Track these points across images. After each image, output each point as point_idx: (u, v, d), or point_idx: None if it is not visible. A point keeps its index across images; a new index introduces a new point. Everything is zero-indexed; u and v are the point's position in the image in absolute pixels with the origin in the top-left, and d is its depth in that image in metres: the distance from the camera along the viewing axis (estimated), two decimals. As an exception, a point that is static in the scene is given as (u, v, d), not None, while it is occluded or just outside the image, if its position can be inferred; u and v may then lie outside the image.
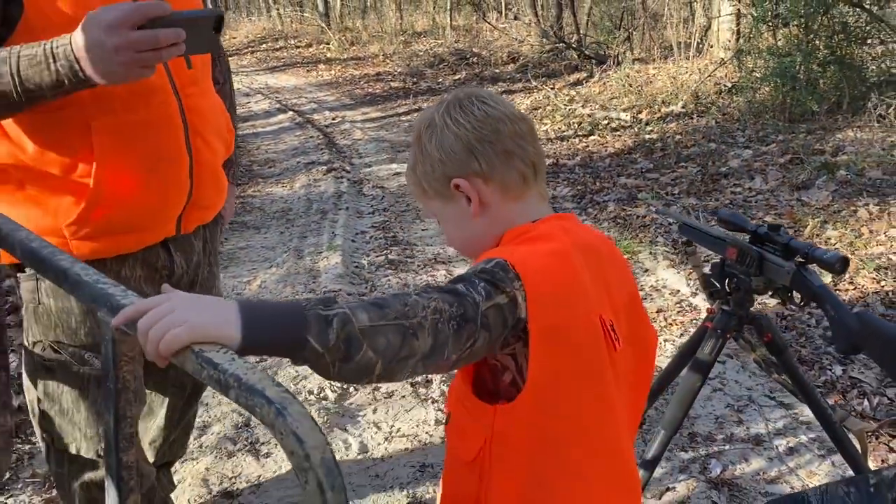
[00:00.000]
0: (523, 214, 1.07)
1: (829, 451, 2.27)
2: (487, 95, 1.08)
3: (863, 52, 5.89)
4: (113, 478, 0.82)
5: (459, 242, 1.14)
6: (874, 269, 3.35)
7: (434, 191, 1.08)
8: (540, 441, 1.03)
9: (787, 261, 1.58)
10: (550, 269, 0.99)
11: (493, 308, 0.93)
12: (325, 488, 0.61)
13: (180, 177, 1.47)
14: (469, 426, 1.06)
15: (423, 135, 1.07)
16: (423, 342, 0.86)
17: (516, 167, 1.05)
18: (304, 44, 15.48)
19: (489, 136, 1.04)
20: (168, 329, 0.70)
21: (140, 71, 1.21)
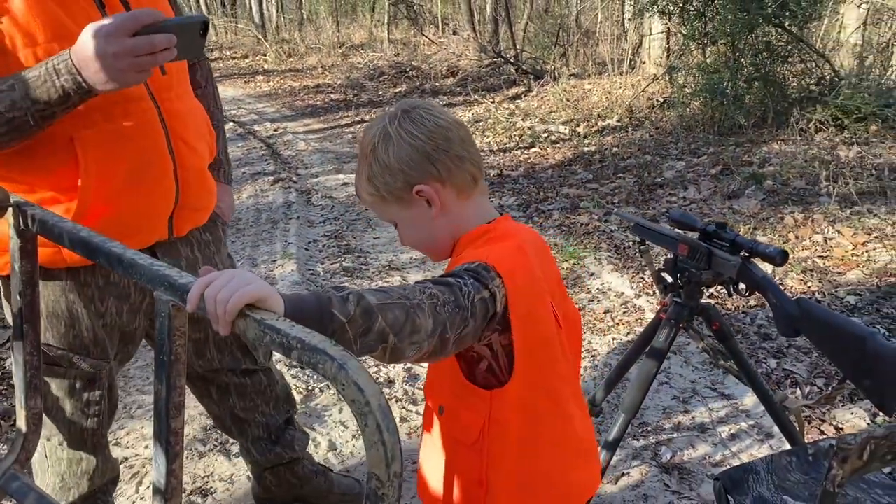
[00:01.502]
0: (477, 213, 1.21)
1: (767, 435, 2.46)
2: (430, 106, 1.18)
3: (785, 70, 6.25)
4: (161, 443, 0.90)
5: (417, 241, 1.24)
6: (801, 271, 3.61)
7: (394, 197, 1.17)
8: (527, 416, 1.18)
9: (733, 255, 1.74)
10: (519, 264, 1.13)
11: (480, 301, 1.04)
12: (383, 429, 0.71)
13: (165, 181, 1.52)
14: (465, 413, 1.18)
15: (378, 148, 1.15)
16: (425, 321, 0.96)
17: (467, 169, 1.17)
18: (240, 55, 15.35)
19: (443, 144, 1.14)
20: (233, 292, 0.80)
21: (137, 76, 1.28)
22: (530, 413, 1.18)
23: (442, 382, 1.24)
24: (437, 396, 1.25)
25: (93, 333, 1.57)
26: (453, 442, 1.23)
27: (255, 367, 1.89)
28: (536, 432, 1.20)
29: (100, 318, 1.57)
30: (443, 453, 1.25)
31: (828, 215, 4.16)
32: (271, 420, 1.97)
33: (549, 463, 1.22)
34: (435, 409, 1.25)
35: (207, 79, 1.84)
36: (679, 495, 2.21)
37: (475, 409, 1.17)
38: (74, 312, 1.54)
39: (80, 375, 1.59)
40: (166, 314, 0.86)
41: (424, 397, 1.34)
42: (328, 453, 2.46)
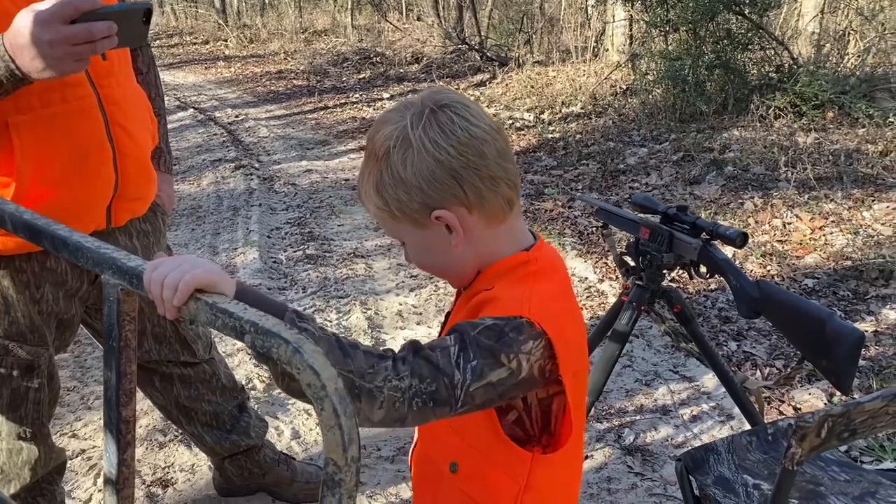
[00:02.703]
0: (509, 241, 1.00)
1: (728, 417, 2.49)
2: (464, 107, 0.95)
3: (745, 57, 6.32)
4: (112, 432, 0.87)
5: (432, 268, 1.04)
6: (760, 255, 3.66)
7: (406, 217, 0.96)
8: (563, 481, 1.05)
9: (694, 238, 1.76)
10: (568, 313, 0.98)
11: (483, 387, 0.88)
12: (340, 413, 0.70)
13: (104, 169, 1.49)
14: (494, 475, 0.99)
15: (393, 154, 0.93)
16: (370, 411, 0.83)
17: (502, 193, 0.96)
18: (200, 40, 15.08)
19: (474, 162, 0.93)
20: (182, 275, 0.77)
21: (75, 64, 1.24)
22: (566, 477, 1.05)
23: (455, 435, 1.02)
24: (447, 450, 1.04)
25: (29, 320, 1.53)
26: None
27: (196, 360, 1.87)
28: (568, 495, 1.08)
29: (36, 304, 1.53)
30: None
31: (786, 200, 4.22)
32: (219, 408, 1.95)
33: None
34: (444, 465, 1.04)
35: (149, 65, 1.80)
36: (642, 477, 2.23)
37: (509, 471, 0.98)
38: (9, 299, 1.50)
39: (17, 363, 1.56)
40: (115, 298, 0.83)
41: (417, 446, 1.13)
42: (291, 441, 2.43)
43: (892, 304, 3.15)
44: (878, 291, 3.26)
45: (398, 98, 8.33)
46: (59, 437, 2.46)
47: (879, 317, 3.05)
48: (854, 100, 5.50)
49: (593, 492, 2.17)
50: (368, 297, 3.48)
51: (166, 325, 1.80)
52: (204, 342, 1.90)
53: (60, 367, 2.85)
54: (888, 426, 1.23)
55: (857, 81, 5.94)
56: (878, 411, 1.18)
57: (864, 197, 4.19)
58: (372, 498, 2.16)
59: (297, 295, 3.53)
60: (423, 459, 1.12)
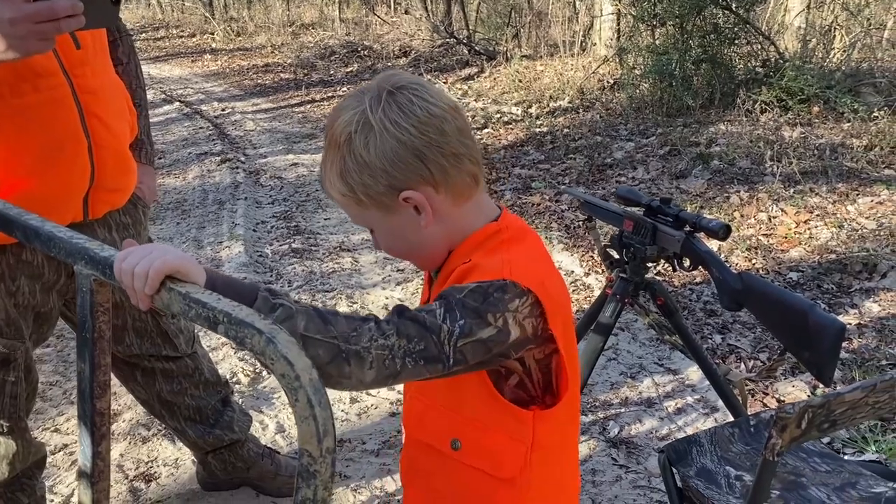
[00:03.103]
0: (477, 215, 1.01)
1: (713, 409, 2.50)
2: (421, 87, 0.95)
3: (732, 52, 6.34)
4: (86, 424, 0.86)
5: (400, 251, 1.04)
6: (746, 249, 3.67)
7: (374, 202, 0.96)
8: (565, 436, 1.06)
9: (677, 230, 1.76)
10: (545, 268, 0.99)
11: (472, 343, 0.88)
12: (314, 404, 0.69)
13: (79, 160, 1.46)
14: (501, 440, 0.99)
15: (355, 139, 0.93)
16: (360, 372, 0.82)
17: (466, 169, 0.96)
18: (186, 33, 14.97)
19: (437, 140, 0.93)
20: (151, 263, 0.76)
21: (40, 44, 1.21)
22: (567, 432, 1.06)
23: (452, 412, 1.02)
24: (444, 429, 1.03)
25: (5, 313, 1.51)
26: (480, 480, 1.01)
27: (178, 354, 1.85)
28: (570, 453, 1.10)
29: (11, 297, 1.51)
30: (467, 499, 1.04)
31: (772, 194, 4.24)
32: (202, 402, 1.93)
33: (573, 482, 1.13)
34: (443, 446, 1.02)
35: (129, 55, 1.77)
36: (626, 469, 2.23)
37: (513, 434, 0.98)
38: None
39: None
40: (88, 289, 0.82)
41: (408, 435, 1.11)
42: (276, 435, 2.42)
43: (875, 297, 3.16)
44: (862, 284, 3.28)
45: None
46: (41, 432, 2.44)
47: (863, 309, 3.07)
48: (839, 94, 5.52)
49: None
50: (355, 291, 3.47)
51: (147, 320, 1.78)
52: (186, 336, 1.89)
53: (43, 361, 2.83)
54: (868, 417, 1.24)
55: (843, 76, 5.97)
56: (858, 402, 1.18)
57: (849, 191, 4.21)
58: (357, 491, 2.15)
59: (283, 288, 3.51)
60: (412, 449, 1.11)
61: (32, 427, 2.43)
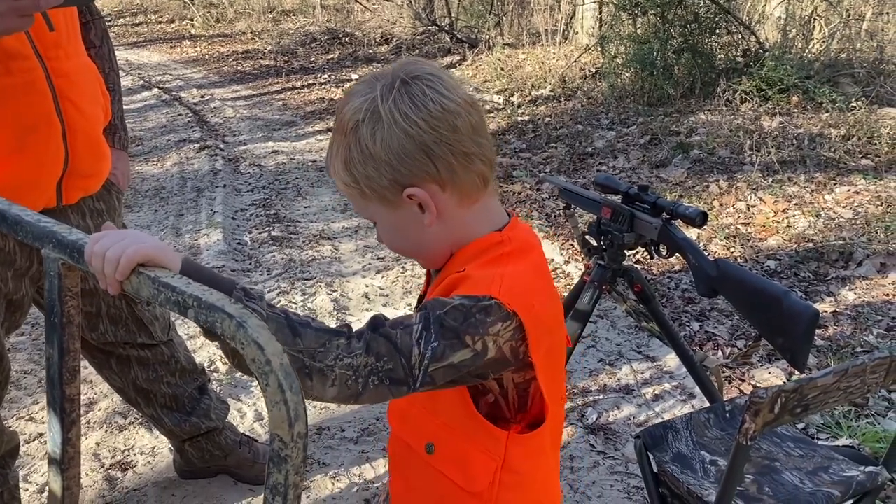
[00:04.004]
0: (484, 220, 0.97)
1: (690, 396, 2.52)
2: (437, 78, 0.91)
3: (712, 41, 6.36)
4: (56, 410, 0.85)
5: (401, 248, 1.01)
6: (724, 237, 3.70)
7: (377, 195, 0.93)
8: (540, 461, 1.03)
9: (654, 217, 1.76)
10: (539, 291, 0.95)
11: (444, 368, 0.85)
12: (285, 389, 0.68)
13: (52, 145, 1.45)
14: (472, 453, 0.98)
15: (362, 128, 0.89)
16: (321, 389, 0.81)
17: (476, 169, 0.92)
18: (165, 19, 14.77)
19: (447, 137, 0.89)
20: (124, 249, 0.75)
21: (19, 21, 1.19)
22: (545, 462, 1.04)
23: (430, 415, 1.00)
24: (422, 431, 1.01)
25: None
26: (450, 489, 1.00)
27: (154, 342, 1.83)
28: (549, 482, 1.07)
29: None
30: (435, 500, 1.03)
31: (751, 183, 4.27)
32: (178, 390, 1.92)
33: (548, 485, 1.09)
34: (419, 447, 1.01)
35: (102, 38, 1.74)
36: (604, 455, 2.25)
37: (485, 450, 0.97)
38: None
39: None
40: (56, 273, 0.80)
41: (392, 428, 1.10)
42: (254, 423, 2.42)
43: (851, 285, 3.20)
44: (838, 273, 3.31)
45: (367, 79, 8.26)
46: (16, 421, 2.41)
47: (838, 297, 3.11)
48: (818, 85, 5.56)
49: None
50: (335, 279, 3.45)
51: (122, 307, 1.76)
52: (162, 324, 1.87)
53: (17, 350, 2.80)
54: (840, 401, 1.25)
55: (822, 67, 6.01)
56: (830, 387, 1.20)
57: (827, 180, 4.25)
58: (335, 479, 2.15)
59: (262, 277, 3.49)
60: (395, 441, 1.10)
61: (6, 416, 2.41)
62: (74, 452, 0.88)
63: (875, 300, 3.07)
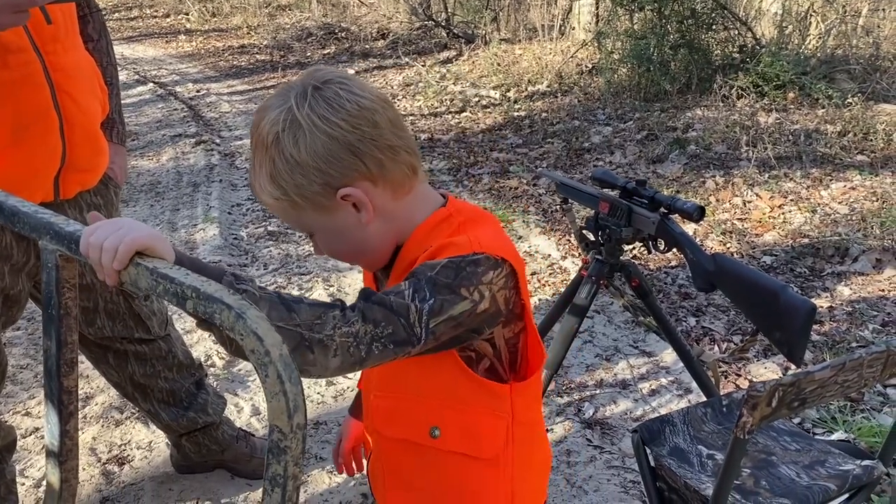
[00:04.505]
0: (421, 206, 0.99)
1: (686, 390, 2.53)
2: (347, 79, 0.92)
3: (709, 37, 6.35)
4: (53, 402, 0.85)
5: (348, 254, 1.00)
6: (721, 233, 3.71)
7: (310, 203, 0.92)
8: (538, 405, 1.07)
9: (652, 212, 1.76)
10: (510, 244, 0.98)
11: (444, 321, 0.86)
12: (284, 379, 0.68)
13: (50, 139, 1.44)
14: (482, 420, 0.99)
15: (283, 138, 0.89)
16: (324, 359, 0.81)
17: (403, 160, 0.94)
18: (161, 13, 14.71)
19: (370, 133, 0.90)
20: (121, 238, 0.75)
21: (14, 17, 1.19)
22: (538, 407, 1.08)
23: (425, 400, 1.00)
24: (420, 421, 1.00)
25: None
26: (461, 465, 1.00)
27: (151, 337, 1.83)
28: (542, 429, 1.10)
29: None
30: (446, 489, 1.02)
31: (747, 179, 4.27)
32: (175, 385, 1.92)
33: (547, 458, 1.14)
34: (421, 437, 1.00)
35: (100, 32, 1.74)
36: (601, 450, 2.25)
37: (493, 411, 0.97)
38: None
39: None
40: (53, 265, 0.80)
41: (377, 437, 1.07)
42: (251, 418, 2.41)
43: (847, 280, 3.21)
44: (834, 268, 3.32)
45: (363, 74, 8.25)
46: (12, 416, 2.40)
47: (834, 293, 3.11)
48: (814, 81, 5.57)
49: (553, 465, 2.19)
50: (331, 274, 3.45)
51: (119, 302, 1.76)
52: (159, 319, 1.87)
53: (13, 344, 2.79)
54: (836, 395, 1.25)
55: (818, 63, 6.02)
56: (827, 381, 1.20)
57: (822, 176, 4.26)
58: (332, 474, 2.15)
59: (258, 272, 3.49)
60: (385, 451, 1.07)
61: (2, 410, 2.40)
62: (72, 445, 0.87)
63: (870, 295, 3.07)
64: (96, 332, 1.76)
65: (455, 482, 1.02)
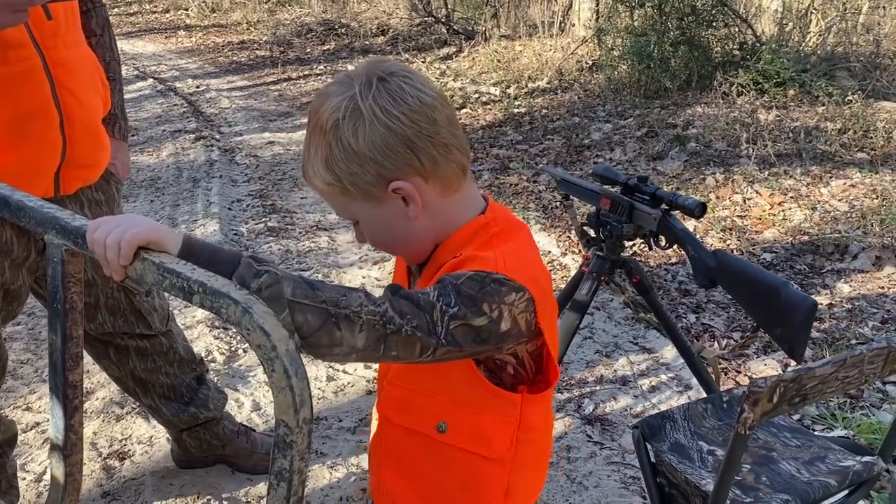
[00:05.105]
0: (466, 207, 1.00)
1: (686, 387, 2.53)
2: (411, 74, 0.94)
3: (709, 34, 6.35)
4: (58, 397, 0.85)
5: (386, 243, 1.02)
6: (721, 230, 3.71)
7: (361, 192, 0.94)
8: (550, 412, 1.10)
9: (654, 208, 1.77)
10: (537, 264, 1.00)
11: (464, 327, 0.87)
12: (291, 374, 0.69)
13: (50, 134, 1.44)
14: (489, 421, 1.01)
15: (343, 126, 0.90)
16: (351, 336, 0.81)
17: (455, 159, 0.95)
18: (160, 9, 14.68)
19: (427, 129, 0.92)
20: (122, 234, 0.75)
21: (12, 16, 1.19)
22: (550, 415, 1.12)
23: (437, 395, 1.01)
24: (430, 414, 1.02)
25: None
26: (467, 460, 1.02)
27: (152, 332, 1.83)
28: (550, 435, 1.15)
29: None
30: (446, 480, 1.05)
31: (747, 176, 4.28)
32: (177, 380, 1.92)
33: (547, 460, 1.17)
34: (428, 429, 1.02)
35: (104, 27, 1.73)
36: (601, 446, 2.26)
37: (501, 415, 1.00)
38: None
39: None
40: (59, 259, 0.80)
41: (386, 421, 1.09)
42: (252, 413, 2.42)
43: (847, 278, 3.21)
44: (834, 266, 3.32)
45: (363, 70, 8.23)
46: (13, 411, 2.41)
47: (834, 290, 3.12)
48: (814, 78, 5.57)
49: (553, 460, 2.19)
50: (331, 270, 3.45)
51: (120, 297, 1.76)
52: (161, 314, 1.87)
53: (13, 339, 2.79)
54: (837, 392, 1.26)
55: (818, 60, 6.01)
56: (829, 377, 1.20)
57: (822, 174, 4.26)
58: (333, 469, 2.16)
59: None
60: (392, 435, 1.09)
61: (3, 405, 2.41)
62: (77, 439, 0.88)
63: (870, 293, 3.08)
64: (97, 328, 1.76)
65: (456, 475, 1.04)
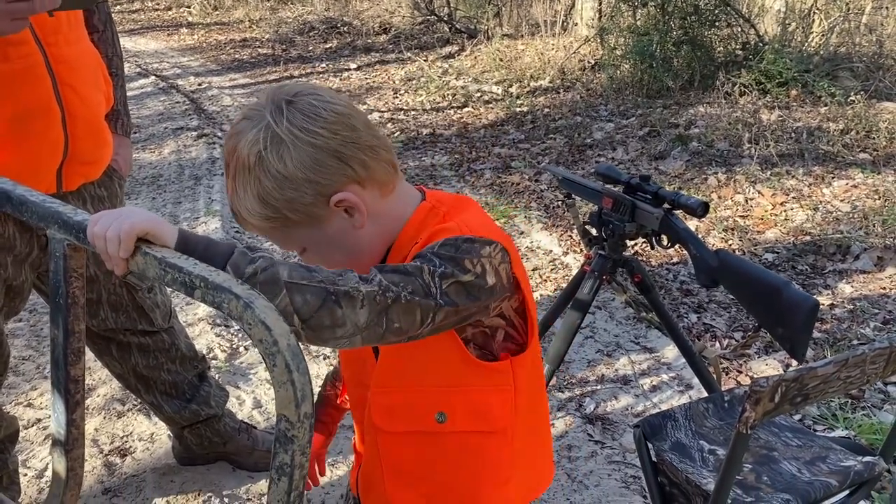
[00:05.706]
0: (406, 202, 1.01)
1: (687, 386, 2.53)
2: (316, 91, 0.95)
3: (712, 34, 6.34)
4: (60, 392, 0.85)
5: (341, 262, 0.98)
6: (723, 230, 3.71)
7: (303, 216, 0.93)
8: (537, 376, 1.10)
9: (656, 208, 1.76)
10: (493, 225, 1.02)
11: (455, 285, 0.88)
12: (292, 369, 0.69)
13: (52, 131, 1.44)
14: (488, 397, 1.01)
15: (266, 156, 0.90)
16: (352, 313, 0.80)
17: (384, 159, 0.97)
18: (162, 6, 14.69)
19: (350, 136, 0.93)
20: (121, 227, 0.75)
21: (12, 24, 1.19)
22: (538, 375, 1.11)
23: (427, 388, 1.01)
24: (424, 409, 1.02)
25: None
26: (469, 440, 1.03)
27: (154, 329, 1.83)
28: (543, 396, 1.14)
29: None
30: (457, 470, 1.04)
31: (749, 176, 4.27)
32: (178, 377, 1.92)
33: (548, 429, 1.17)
34: (427, 424, 1.02)
35: (106, 23, 1.73)
36: (602, 445, 2.26)
37: (497, 385, 1.01)
38: None
39: None
40: (61, 254, 0.80)
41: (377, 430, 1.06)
42: (253, 411, 2.42)
43: (848, 278, 3.21)
44: (836, 266, 3.32)
45: (365, 69, 8.24)
46: (14, 407, 2.41)
47: (836, 290, 3.12)
48: (817, 78, 5.56)
49: (554, 459, 2.19)
50: (333, 268, 3.45)
51: (123, 294, 1.76)
52: (163, 311, 1.87)
53: (15, 336, 2.79)
54: (839, 391, 1.26)
55: (821, 60, 6.01)
56: (830, 376, 1.20)
57: (825, 174, 4.26)
58: (332, 466, 2.16)
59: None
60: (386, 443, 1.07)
61: (4, 401, 2.41)
62: (78, 434, 0.88)
63: (872, 293, 3.08)
64: (100, 324, 1.77)
65: (462, 462, 1.03)
